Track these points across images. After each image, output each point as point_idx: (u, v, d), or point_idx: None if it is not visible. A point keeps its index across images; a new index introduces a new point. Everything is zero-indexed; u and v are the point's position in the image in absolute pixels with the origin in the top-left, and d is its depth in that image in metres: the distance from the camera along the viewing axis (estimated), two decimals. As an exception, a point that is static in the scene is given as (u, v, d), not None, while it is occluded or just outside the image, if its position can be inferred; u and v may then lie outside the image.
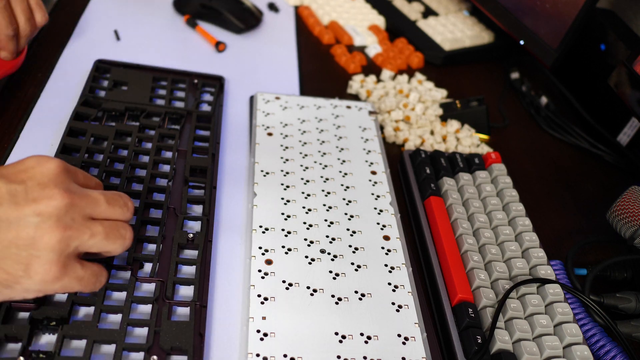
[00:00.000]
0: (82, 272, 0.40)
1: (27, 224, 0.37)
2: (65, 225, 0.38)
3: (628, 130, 0.79)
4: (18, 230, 0.37)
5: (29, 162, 0.39)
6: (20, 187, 0.37)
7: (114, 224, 0.41)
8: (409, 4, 1.01)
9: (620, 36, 0.80)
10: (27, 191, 0.37)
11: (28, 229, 0.37)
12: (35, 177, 0.38)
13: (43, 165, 0.39)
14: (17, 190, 0.37)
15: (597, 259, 0.65)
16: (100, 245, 0.40)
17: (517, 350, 0.49)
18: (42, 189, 0.38)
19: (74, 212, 0.39)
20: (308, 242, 0.55)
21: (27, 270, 0.37)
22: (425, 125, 0.75)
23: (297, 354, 0.46)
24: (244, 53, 0.83)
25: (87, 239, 0.39)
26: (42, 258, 0.37)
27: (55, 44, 0.75)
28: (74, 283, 0.40)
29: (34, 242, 0.37)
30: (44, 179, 0.38)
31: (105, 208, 0.41)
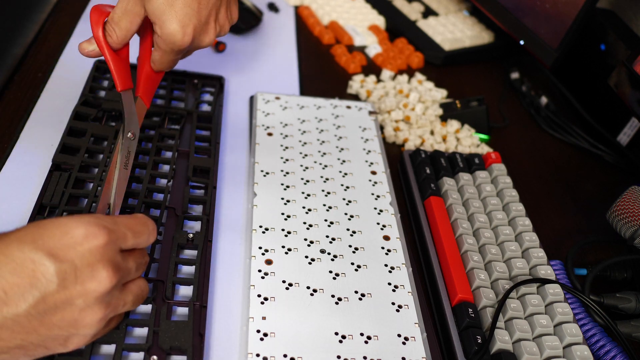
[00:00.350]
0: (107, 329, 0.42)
1: (73, 307, 0.37)
2: (107, 304, 0.38)
3: (628, 130, 0.79)
4: (64, 314, 0.37)
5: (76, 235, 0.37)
6: (70, 267, 0.36)
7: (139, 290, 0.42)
8: (409, 4, 1.01)
9: (620, 36, 0.80)
10: (76, 273, 0.36)
11: (73, 312, 0.37)
12: (83, 255, 0.37)
13: (91, 241, 0.37)
14: (66, 273, 0.36)
15: (597, 259, 0.65)
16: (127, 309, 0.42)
17: (517, 350, 0.49)
18: (91, 270, 0.37)
19: (115, 289, 0.39)
20: (308, 242, 0.55)
21: (65, 344, 0.38)
22: (425, 125, 0.75)
23: (297, 354, 0.46)
24: (244, 53, 0.83)
25: (120, 309, 0.41)
26: (79, 336, 0.38)
27: (55, 44, 0.75)
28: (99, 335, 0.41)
29: (77, 323, 0.37)
30: (92, 258, 0.37)
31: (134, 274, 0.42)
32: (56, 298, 0.36)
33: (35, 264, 0.35)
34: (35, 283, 0.35)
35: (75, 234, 0.37)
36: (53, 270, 0.36)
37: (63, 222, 0.38)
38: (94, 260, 0.37)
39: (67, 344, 0.38)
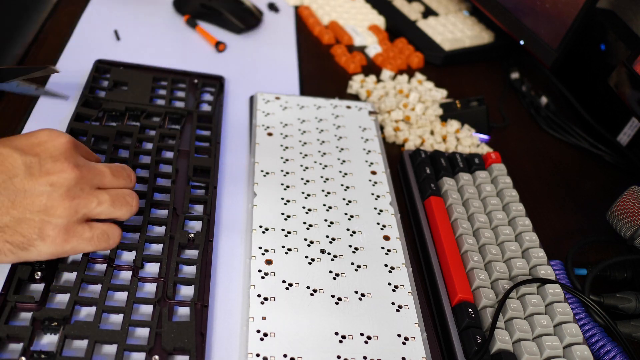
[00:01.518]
0: (90, 233, 0.45)
1: (41, 192, 0.42)
2: (74, 195, 0.43)
3: (628, 130, 0.79)
4: (33, 198, 0.41)
5: (41, 136, 0.43)
6: (35, 159, 0.42)
7: (120, 192, 0.46)
8: (409, 4, 1.01)
9: (620, 36, 0.80)
10: (41, 163, 0.42)
11: (41, 197, 0.42)
12: (48, 150, 0.43)
13: (55, 140, 0.43)
14: (32, 162, 0.42)
15: (597, 259, 0.65)
16: (107, 211, 0.45)
17: (517, 350, 0.49)
18: (54, 161, 0.42)
19: (83, 183, 0.44)
20: (308, 242, 0.55)
21: (40, 233, 0.42)
22: (425, 125, 0.75)
23: (297, 354, 0.46)
24: (244, 53, 0.83)
25: (95, 207, 0.44)
26: (52, 223, 0.42)
27: (55, 44, 0.75)
28: (83, 244, 0.44)
29: (46, 209, 0.42)
30: (56, 152, 0.43)
31: (110, 179, 0.46)
32: (24, 183, 0.41)
33: (4, 156, 0.41)
34: (4, 170, 0.41)
35: (40, 135, 0.43)
36: (20, 160, 0.41)
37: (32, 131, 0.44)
38: (57, 154, 0.43)
39: (43, 234, 0.42)
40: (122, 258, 0.51)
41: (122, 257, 0.51)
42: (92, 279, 0.48)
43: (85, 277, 0.48)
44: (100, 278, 0.48)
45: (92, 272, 0.49)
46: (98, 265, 0.50)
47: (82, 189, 0.43)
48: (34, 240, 0.42)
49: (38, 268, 0.47)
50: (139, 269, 0.50)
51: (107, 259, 0.50)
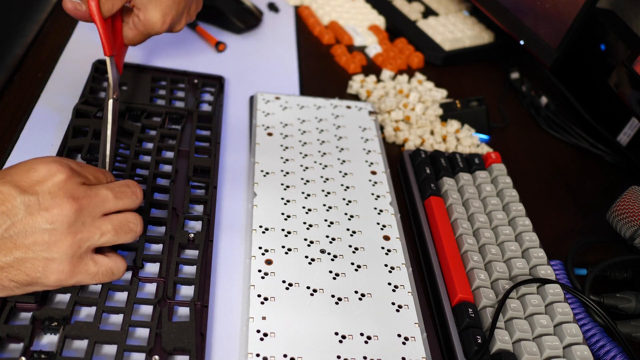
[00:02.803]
0: (95, 269, 0.44)
1: (42, 231, 0.41)
2: (76, 230, 0.42)
3: (628, 130, 0.79)
4: (34, 237, 0.41)
5: (40, 172, 0.42)
6: (34, 197, 0.41)
7: (122, 218, 0.45)
8: (409, 4, 1.01)
9: (620, 36, 0.80)
10: (39, 201, 0.41)
11: (43, 235, 0.41)
12: (46, 188, 0.42)
13: (54, 176, 0.42)
14: (30, 201, 0.41)
15: (597, 259, 0.65)
16: (111, 240, 0.44)
17: (517, 350, 0.49)
18: (53, 198, 0.41)
19: (84, 216, 0.43)
20: (308, 242, 0.55)
21: (44, 271, 0.42)
22: (425, 125, 0.75)
23: (297, 354, 0.46)
24: (244, 53, 0.83)
25: (98, 238, 0.44)
26: (56, 260, 0.42)
27: (55, 44, 0.75)
28: (87, 279, 0.44)
29: (49, 247, 0.41)
30: (54, 188, 0.42)
31: (113, 203, 0.45)
32: (24, 223, 0.41)
33: (4, 195, 0.41)
34: (4, 211, 0.40)
35: (39, 170, 0.42)
36: (20, 200, 0.41)
37: (30, 161, 0.43)
38: (55, 190, 0.42)
39: (47, 272, 0.42)
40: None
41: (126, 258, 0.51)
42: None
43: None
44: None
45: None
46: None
47: (84, 222, 0.43)
48: (38, 278, 0.42)
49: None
50: (139, 269, 0.50)
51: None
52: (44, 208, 0.41)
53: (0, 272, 0.41)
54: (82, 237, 0.42)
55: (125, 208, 0.46)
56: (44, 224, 0.41)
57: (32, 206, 0.41)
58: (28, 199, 0.41)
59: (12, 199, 0.41)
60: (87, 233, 0.43)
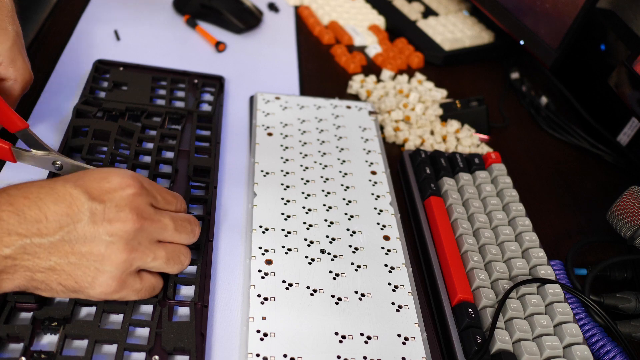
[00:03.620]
0: (140, 285, 0.45)
1: (100, 241, 0.41)
2: (132, 248, 0.43)
3: (628, 130, 0.79)
4: (92, 246, 0.41)
5: (113, 182, 0.43)
6: (100, 206, 0.42)
7: (176, 249, 0.46)
8: (409, 4, 1.01)
9: (620, 36, 0.80)
10: (105, 212, 0.42)
11: (100, 246, 0.41)
12: (114, 199, 0.42)
13: (125, 189, 0.43)
14: (96, 210, 0.41)
15: (597, 259, 0.65)
16: (159, 267, 0.45)
17: (517, 350, 0.49)
18: (118, 211, 0.42)
19: (142, 237, 0.43)
20: (308, 242, 0.55)
21: (93, 282, 0.42)
22: (425, 125, 0.75)
23: (297, 354, 0.46)
24: (244, 53, 0.83)
25: (150, 262, 0.44)
26: (106, 273, 0.42)
27: (55, 44, 0.75)
28: (131, 294, 0.44)
29: (103, 258, 0.42)
30: (122, 202, 0.42)
31: (172, 234, 0.45)
32: (85, 230, 0.41)
33: (73, 198, 0.41)
34: (70, 213, 0.41)
35: (112, 180, 0.43)
36: (87, 206, 0.41)
37: (105, 170, 0.44)
38: (122, 204, 0.42)
39: (95, 284, 0.42)
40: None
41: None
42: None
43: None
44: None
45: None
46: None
47: (141, 242, 0.43)
48: (86, 287, 0.42)
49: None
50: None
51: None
52: (108, 219, 0.41)
53: (51, 274, 0.41)
54: (136, 256, 0.43)
55: (180, 242, 0.46)
56: (104, 235, 0.41)
57: (97, 215, 0.41)
58: (95, 207, 0.41)
59: (80, 203, 0.41)
60: (142, 254, 0.43)
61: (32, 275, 0.41)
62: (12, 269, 0.40)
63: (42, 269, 0.41)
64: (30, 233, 0.40)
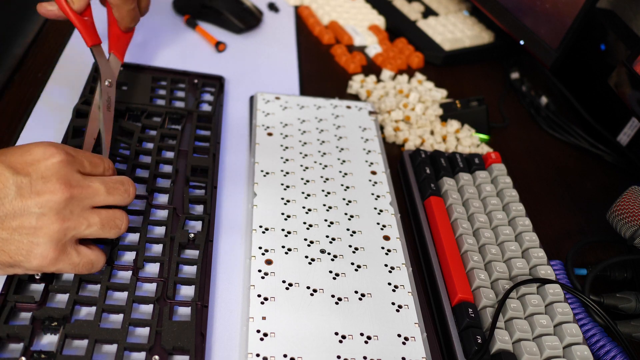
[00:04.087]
0: (78, 259, 0.44)
1: (30, 214, 0.41)
2: (64, 218, 0.42)
3: (628, 130, 0.79)
4: (22, 219, 0.41)
5: (36, 153, 0.42)
6: (26, 179, 0.41)
7: (111, 214, 0.45)
8: (409, 4, 1.01)
9: (620, 36, 0.80)
10: (31, 184, 0.41)
11: (30, 219, 0.41)
12: (40, 170, 0.41)
13: (49, 159, 0.42)
14: (22, 183, 0.41)
15: (597, 259, 0.65)
16: (96, 233, 0.45)
17: (517, 350, 0.49)
18: (45, 182, 0.41)
19: (73, 205, 0.43)
20: (308, 242, 0.55)
21: (27, 255, 0.42)
22: (425, 125, 0.75)
23: (297, 354, 0.46)
24: (244, 53, 0.83)
25: (84, 229, 0.44)
26: (40, 245, 0.42)
27: (55, 44, 0.75)
28: (67, 267, 0.44)
29: (35, 231, 0.41)
30: (48, 172, 0.42)
31: (104, 197, 0.45)
32: (14, 205, 0.41)
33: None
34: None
35: (35, 152, 0.42)
36: (12, 180, 0.41)
37: (27, 144, 0.43)
38: (49, 175, 0.42)
39: (30, 257, 0.42)
40: (122, 259, 0.51)
41: (122, 258, 0.51)
42: (91, 278, 0.48)
43: (85, 276, 0.48)
44: (100, 278, 0.48)
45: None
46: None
47: (72, 211, 0.43)
48: (21, 260, 0.42)
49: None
50: (139, 269, 0.50)
51: (107, 259, 0.49)
52: (35, 192, 0.41)
53: None
54: (69, 225, 0.42)
55: (115, 204, 0.46)
56: (34, 207, 0.41)
57: (24, 188, 0.41)
58: (20, 181, 0.41)
59: (4, 179, 0.41)
60: (75, 222, 0.43)
61: None
62: None
63: None
64: None
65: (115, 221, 0.46)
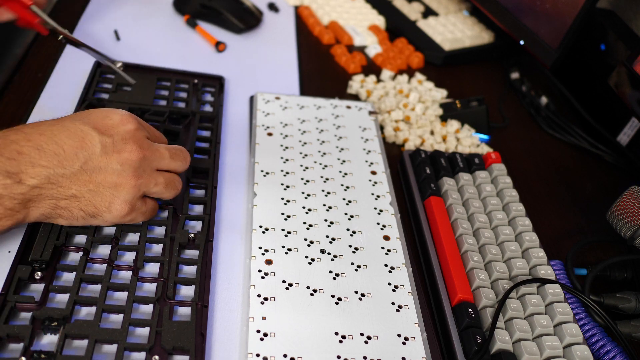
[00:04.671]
0: (145, 208, 0.51)
1: (113, 170, 0.47)
2: (139, 175, 0.48)
3: (628, 130, 0.79)
4: (106, 175, 0.47)
5: (115, 118, 0.48)
6: (109, 139, 0.47)
7: (171, 177, 0.52)
8: (409, 4, 1.01)
9: (620, 36, 0.80)
10: (114, 144, 0.47)
11: (113, 175, 0.47)
12: (120, 132, 0.48)
13: (126, 124, 0.48)
14: (107, 142, 0.47)
15: (597, 259, 0.65)
16: (159, 192, 0.51)
17: (517, 350, 0.49)
18: (125, 143, 0.48)
19: (145, 165, 0.49)
20: (308, 242, 0.55)
21: (109, 206, 0.48)
22: (425, 125, 0.75)
23: (297, 354, 0.46)
24: (244, 53, 0.83)
25: (152, 187, 0.50)
26: (120, 198, 0.48)
27: (55, 44, 0.75)
28: (139, 216, 0.51)
29: (116, 185, 0.47)
30: (127, 135, 0.48)
31: (168, 161, 0.51)
32: (100, 160, 0.47)
33: (84, 133, 0.46)
34: (84, 146, 0.46)
35: (114, 117, 0.49)
36: (97, 139, 0.47)
37: (105, 109, 0.50)
38: (127, 137, 0.48)
39: (111, 208, 0.48)
40: (122, 259, 0.51)
41: (122, 258, 0.51)
42: (91, 278, 0.48)
43: (85, 277, 0.48)
44: (100, 278, 0.48)
45: (92, 272, 0.49)
46: (98, 265, 0.50)
47: (145, 170, 0.49)
48: (103, 211, 0.48)
49: (38, 268, 0.47)
50: (139, 269, 0.50)
51: (107, 260, 0.50)
52: (117, 150, 0.47)
53: (74, 200, 0.46)
54: (142, 182, 0.48)
55: (174, 169, 0.52)
56: (115, 164, 0.47)
57: (108, 147, 0.47)
58: (105, 140, 0.47)
59: (91, 137, 0.46)
60: (146, 180, 0.49)
61: (57, 203, 0.46)
62: (38, 198, 0.45)
63: (66, 196, 0.46)
64: (52, 164, 0.45)
65: (175, 183, 0.52)
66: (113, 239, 0.51)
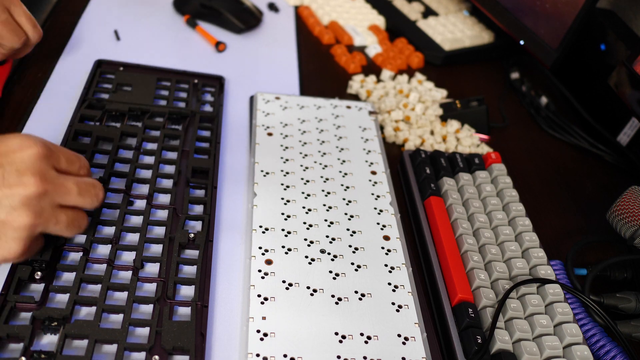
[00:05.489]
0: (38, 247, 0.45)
1: (1, 207, 0.40)
2: (35, 213, 0.41)
3: (628, 130, 0.79)
4: None
5: (12, 144, 0.41)
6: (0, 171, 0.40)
7: (75, 215, 0.45)
8: (409, 4, 1.01)
9: (620, 36, 0.80)
10: (4, 176, 0.40)
11: (1, 212, 0.40)
12: (14, 162, 0.40)
13: (25, 150, 0.41)
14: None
15: (597, 259, 0.65)
16: (60, 232, 0.45)
17: (517, 350, 0.49)
18: (19, 175, 0.40)
19: (44, 201, 0.42)
20: (308, 242, 0.55)
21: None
22: (425, 125, 0.75)
23: (297, 354, 0.46)
24: (244, 53, 0.83)
25: (52, 226, 0.43)
26: (8, 238, 0.41)
27: (55, 44, 0.75)
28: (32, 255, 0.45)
29: (4, 225, 0.41)
30: (23, 165, 0.41)
31: (75, 198, 0.44)
32: None
33: None
34: None
35: (11, 143, 0.41)
36: None
37: (4, 135, 0.42)
38: (23, 167, 0.40)
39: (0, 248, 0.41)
40: (122, 258, 0.51)
41: (122, 258, 0.51)
42: (92, 278, 0.48)
43: (85, 277, 0.48)
44: (100, 278, 0.48)
45: (92, 272, 0.49)
46: (98, 265, 0.50)
47: (44, 207, 0.42)
48: None
49: (38, 268, 0.47)
50: (139, 269, 0.50)
51: (107, 260, 0.50)
52: (7, 185, 0.40)
53: None
54: (39, 222, 0.42)
55: (83, 206, 0.46)
56: (5, 200, 0.40)
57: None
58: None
59: None
60: (44, 219, 0.42)
61: None
62: None
63: None
64: None
65: (79, 222, 0.46)
66: (113, 239, 0.51)
